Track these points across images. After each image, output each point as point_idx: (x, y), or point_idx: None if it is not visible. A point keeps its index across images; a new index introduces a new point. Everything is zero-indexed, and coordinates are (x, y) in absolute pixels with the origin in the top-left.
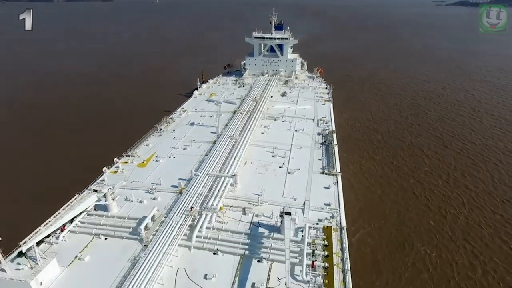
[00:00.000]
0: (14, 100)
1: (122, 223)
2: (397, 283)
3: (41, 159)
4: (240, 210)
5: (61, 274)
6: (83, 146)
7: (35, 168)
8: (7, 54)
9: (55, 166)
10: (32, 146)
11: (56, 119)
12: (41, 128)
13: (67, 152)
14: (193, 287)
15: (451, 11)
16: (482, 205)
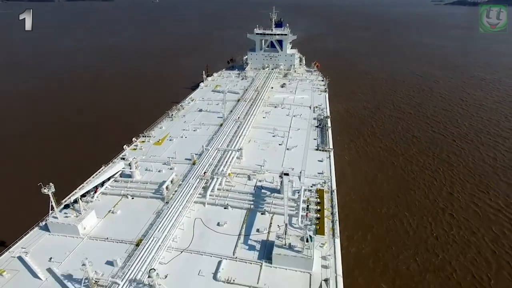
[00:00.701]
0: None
1: (146, 186)
2: (377, 234)
3: (77, 138)
4: (245, 176)
5: (99, 223)
6: (105, 128)
7: (74, 144)
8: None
9: (85, 144)
10: (66, 129)
11: (83, 107)
12: (73, 115)
13: (94, 132)
14: (208, 231)
15: (447, 10)
16: (461, 178)
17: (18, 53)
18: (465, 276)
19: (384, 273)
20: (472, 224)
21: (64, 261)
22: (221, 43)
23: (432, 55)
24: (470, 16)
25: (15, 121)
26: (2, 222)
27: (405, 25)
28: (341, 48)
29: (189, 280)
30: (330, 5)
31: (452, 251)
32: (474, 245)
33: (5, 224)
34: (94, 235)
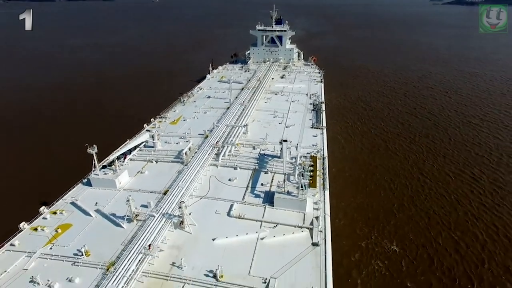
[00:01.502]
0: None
1: (167, 153)
2: (362, 193)
3: (107, 118)
4: (250, 146)
5: (131, 180)
6: (125, 112)
7: (106, 122)
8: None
9: (113, 123)
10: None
11: (108, 96)
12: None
13: (117, 114)
14: (221, 185)
15: (445, 10)
16: (437, 153)
17: (46, 49)
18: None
19: (365, 216)
20: (447, 188)
21: (107, 205)
22: (223, 40)
23: (424, 52)
24: (465, 16)
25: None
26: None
27: (402, 24)
28: (338, 45)
29: (208, 217)
30: (331, 6)
31: (425, 202)
32: (441, 197)
33: (51, 181)
34: (128, 188)
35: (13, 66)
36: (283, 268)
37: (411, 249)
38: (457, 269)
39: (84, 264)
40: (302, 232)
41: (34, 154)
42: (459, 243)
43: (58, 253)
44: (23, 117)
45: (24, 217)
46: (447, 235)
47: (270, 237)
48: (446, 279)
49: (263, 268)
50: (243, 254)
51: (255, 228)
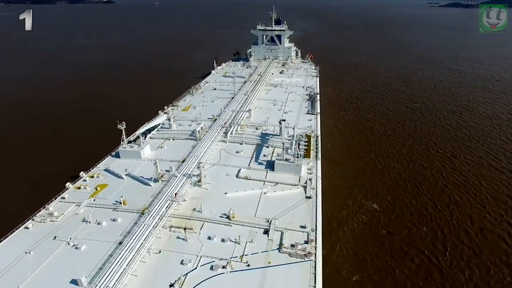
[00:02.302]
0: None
1: (182, 133)
2: (351, 165)
3: (127, 105)
4: (254, 127)
5: (152, 153)
6: (140, 101)
7: (126, 107)
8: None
9: (132, 109)
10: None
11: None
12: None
13: (134, 103)
14: (230, 156)
15: (441, 12)
16: (422, 135)
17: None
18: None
19: (352, 183)
20: (423, 161)
21: (134, 171)
22: (224, 40)
23: (416, 51)
24: (460, 17)
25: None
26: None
27: (399, 25)
28: (335, 44)
29: (220, 178)
30: (330, 7)
31: (406, 173)
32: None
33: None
34: (151, 158)
35: (44, 66)
36: (282, 213)
37: (389, 208)
38: (427, 221)
39: (122, 210)
40: (298, 189)
41: (72, 132)
42: (430, 203)
43: (100, 203)
44: (70, 107)
45: (68, 180)
46: (423, 198)
47: (271, 192)
48: (415, 229)
49: (266, 212)
50: (249, 203)
51: (259, 186)
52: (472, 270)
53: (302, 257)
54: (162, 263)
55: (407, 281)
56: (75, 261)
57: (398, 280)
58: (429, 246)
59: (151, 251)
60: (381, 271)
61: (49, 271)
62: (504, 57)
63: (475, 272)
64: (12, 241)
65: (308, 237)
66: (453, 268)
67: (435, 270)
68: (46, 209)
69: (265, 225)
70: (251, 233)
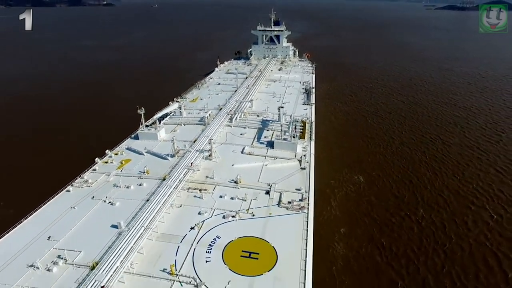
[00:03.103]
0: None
1: (191, 119)
2: (341, 147)
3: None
4: (255, 115)
5: (167, 135)
6: (151, 95)
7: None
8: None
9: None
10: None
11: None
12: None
13: (148, 96)
14: (235, 137)
15: (437, 15)
16: (407, 124)
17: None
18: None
19: (342, 161)
20: (410, 146)
21: (153, 149)
22: (224, 41)
23: (409, 51)
24: (455, 20)
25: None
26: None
27: (395, 27)
28: (332, 45)
29: (227, 154)
30: (328, 10)
31: (391, 154)
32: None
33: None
34: (166, 139)
35: (67, 66)
36: (280, 179)
37: (376, 180)
38: (409, 190)
39: (146, 178)
40: (294, 162)
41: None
42: (412, 176)
43: (126, 173)
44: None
45: (96, 155)
46: (403, 173)
47: (271, 164)
48: (397, 195)
49: (267, 179)
50: (253, 173)
51: (261, 160)
52: (443, 225)
53: (297, 210)
54: (183, 214)
55: (387, 232)
56: (112, 213)
57: (382, 232)
58: (408, 207)
59: (174, 205)
60: (366, 225)
61: (93, 219)
62: (493, 57)
63: (446, 226)
64: (57, 200)
65: (302, 196)
66: (427, 223)
67: (412, 224)
68: (81, 177)
69: (266, 187)
70: (255, 193)
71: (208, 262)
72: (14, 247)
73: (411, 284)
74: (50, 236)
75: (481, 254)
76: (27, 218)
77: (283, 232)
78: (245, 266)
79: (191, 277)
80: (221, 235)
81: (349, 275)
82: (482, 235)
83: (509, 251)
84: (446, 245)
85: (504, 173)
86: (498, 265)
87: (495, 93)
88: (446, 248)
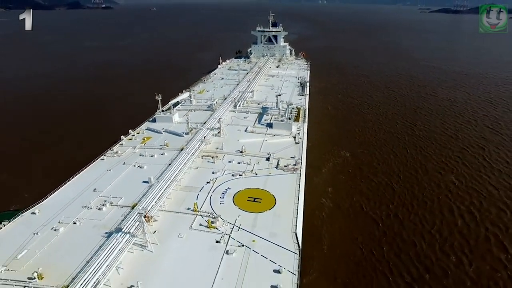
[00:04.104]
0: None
1: (201, 106)
2: (331, 130)
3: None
4: (256, 103)
5: (180, 119)
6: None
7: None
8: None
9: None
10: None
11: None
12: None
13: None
14: (239, 119)
15: (431, 18)
16: (392, 113)
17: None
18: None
19: (331, 140)
20: (391, 129)
21: (169, 128)
22: (224, 43)
23: (399, 51)
24: (448, 23)
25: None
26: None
27: (389, 29)
28: (328, 45)
29: (233, 132)
30: (325, 13)
31: (377, 136)
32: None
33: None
34: (179, 122)
35: (83, 65)
36: (278, 150)
37: (360, 155)
38: (388, 164)
39: (167, 149)
40: (289, 138)
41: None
42: (392, 153)
43: (149, 146)
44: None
45: (121, 134)
46: (387, 150)
47: (270, 140)
48: (378, 167)
49: (267, 150)
50: (255, 146)
51: (262, 137)
52: (413, 188)
53: (291, 171)
54: (200, 173)
55: (368, 192)
56: (142, 173)
57: (362, 192)
58: (386, 175)
59: (191, 167)
60: (350, 188)
61: (127, 177)
62: (479, 58)
63: (415, 188)
64: (95, 165)
65: (296, 162)
66: (401, 186)
67: (389, 187)
68: (111, 150)
69: (267, 155)
70: (258, 159)
71: (222, 204)
72: (69, 195)
73: (387, 223)
74: (95, 188)
75: (446, 205)
76: (74, 177)
77: (280, 186)
78: (251, 207)
79: (209, 213)
80: (231, 187)
81: (332, 218)
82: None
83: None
84: (418, 199)
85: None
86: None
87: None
88: (417, 201)
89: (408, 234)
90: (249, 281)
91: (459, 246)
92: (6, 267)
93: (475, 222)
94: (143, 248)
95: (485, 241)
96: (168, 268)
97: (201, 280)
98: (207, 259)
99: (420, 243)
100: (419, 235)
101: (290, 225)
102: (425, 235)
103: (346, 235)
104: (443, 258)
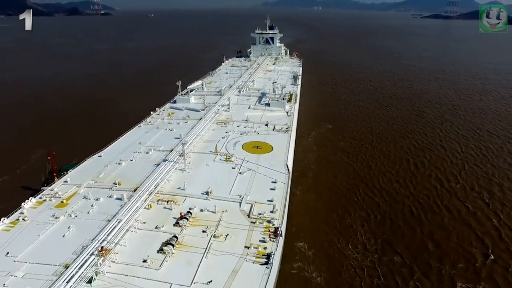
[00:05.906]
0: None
1: (211, 91)
2: (319, 108)
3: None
4: (256, 90)
5: (196, 101)
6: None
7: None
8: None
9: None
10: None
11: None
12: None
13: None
14: (243, 101)
15: (422, 23)
16: (373, 101)
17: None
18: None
19: (322, 118)
20: (374, 111)
21: (188, 106)
22: (223, 45)
23: (386, 52)
24: (440, 28)
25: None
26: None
27: (380, 34)
28: (319, 48)
29: (239, 109)
30: (324, 18)
31: (368, 123)
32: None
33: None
34: (195, 103)
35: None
36: (274, 120)
37: (340, 127)
38: (368, 134)
39: (188, 119)
40: (283, 113)
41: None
42: (368, 126)
43: (175, 118)
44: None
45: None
46: (363, 125)
47: (268, 113)
48: (358, 138)
49: (265, 120)
50: (257, 117)
51: (261, 112)
52: (382, 147)
53: (284, 132)
54: (216, 132)
55: (347, 149)
56: (172, 134)
57: (343, 149)
58: (362, 140)
59: (209, 129)
60: (332, 146)
61: (161, 136)
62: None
63: (383, 147)
64: (134, 130)
65: (288, 126)
66: (373, 147)
67: (363, 147)
68: (145, 120)
69: (265, 123)
70: (259, 125)
71: (234, 149)
72: (122, 146)
73: (359, 167)
74: (140, 142)
75: (405, 158)
76: (122, 136)
77: (276, 140)
78: (255, 151)
79: (225, 153)
80: (240, 141)
81: (317, 165)
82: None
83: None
84: (384, 155)
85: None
86: (413, 162)
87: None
88: (383, 156)
89: (374, 173)
90: (256, 187)
91: (409, 178)
92: (95, 181)
93: (424, 167)
94: (183, 170)
95: (428, 177)
96: (200, 181)
97: (223, 188)
98: (227, 177)
99: (382, 178)
100: (382, 174)
101: (283, 160)
102: (386, 174)
103: (328, 171)
104: (397, 186)
